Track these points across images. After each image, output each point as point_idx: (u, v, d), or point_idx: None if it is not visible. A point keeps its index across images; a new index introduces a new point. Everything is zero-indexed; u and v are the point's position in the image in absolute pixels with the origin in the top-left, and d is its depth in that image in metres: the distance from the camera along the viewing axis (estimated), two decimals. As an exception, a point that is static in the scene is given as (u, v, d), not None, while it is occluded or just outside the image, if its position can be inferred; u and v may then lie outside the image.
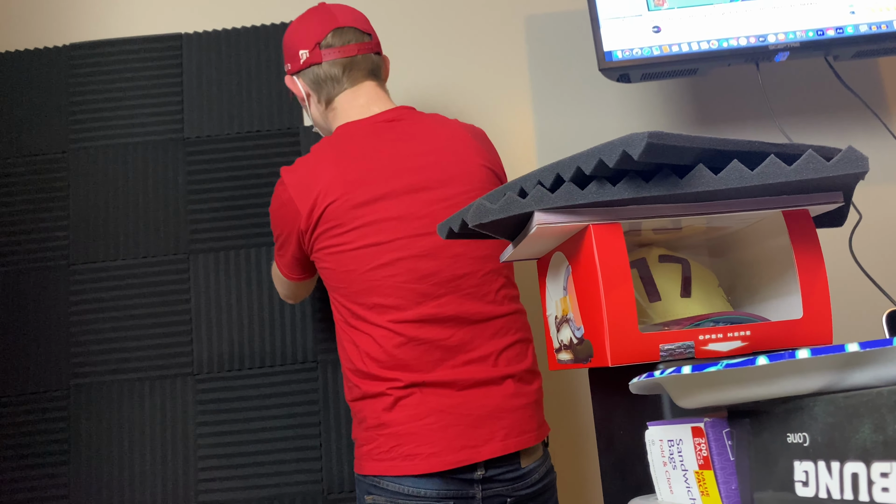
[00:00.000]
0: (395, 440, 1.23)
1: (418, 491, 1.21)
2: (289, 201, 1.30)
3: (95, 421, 1.64)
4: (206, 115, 1.77)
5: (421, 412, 1.22)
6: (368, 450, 1.26)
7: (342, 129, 1.35)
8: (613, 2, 1.54)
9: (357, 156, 1.29)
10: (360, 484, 1.29)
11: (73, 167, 1.74)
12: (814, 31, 1.52)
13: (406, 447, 1.22)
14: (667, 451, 0.69)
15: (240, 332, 1.68)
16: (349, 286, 1.27)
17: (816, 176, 0.74)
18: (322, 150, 1.32)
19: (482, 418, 1.23)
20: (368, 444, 1.26)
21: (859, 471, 0.51)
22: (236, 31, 1.81)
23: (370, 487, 1.26)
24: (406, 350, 1.24)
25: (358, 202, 1.26)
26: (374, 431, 1.26)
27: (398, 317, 1.24)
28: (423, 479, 1.21)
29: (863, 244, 1.54)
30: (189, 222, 1.72)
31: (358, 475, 1.30)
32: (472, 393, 1.24)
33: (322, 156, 1.31)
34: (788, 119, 1.75)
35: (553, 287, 0.92)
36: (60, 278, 1.69)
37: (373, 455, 1.25)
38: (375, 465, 1.24)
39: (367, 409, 1.27)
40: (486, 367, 1.26)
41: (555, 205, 0.78)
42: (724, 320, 0.82)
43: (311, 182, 1.28)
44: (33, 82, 1.78)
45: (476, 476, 1.23)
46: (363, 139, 1.32)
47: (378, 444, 1.25)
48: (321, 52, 1.37)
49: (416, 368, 1.24)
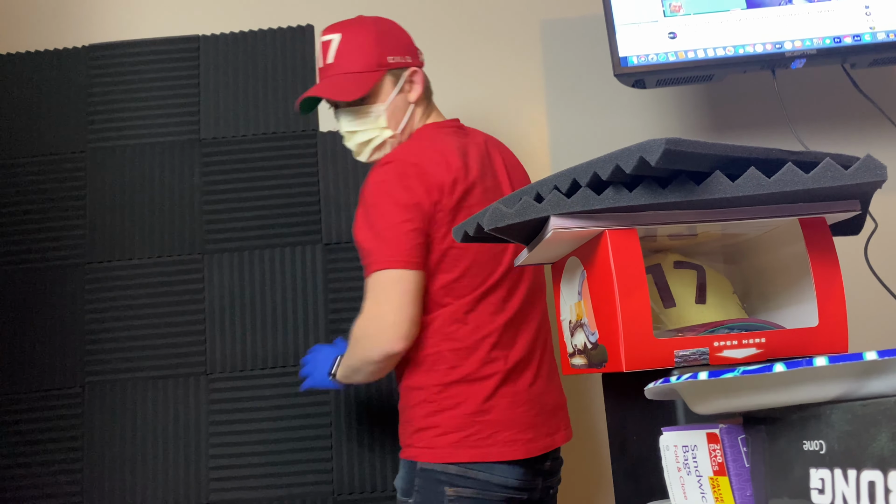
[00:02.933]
0: (494, 427, 1.26)
1: (506, 480, 1.25)
2: (423, 175, 1.25)
3: (109, 419, 1.65)
4: (223, 117, 1.78)
5: (518, 400, 1.28)
6: (463, 437, 1.25)
7: (433, 127, 1.38)
8: (629, 7, 1.54)
9: (466, 150, 1.34)
10: (435, 475, 1.25)
11: (91, 167, 1.76)
12: (831, 38, 1.51)
13: (507, 433, 1.26)
14: (681, 457, 0.69)
15: (253, 333, 1.69)
16: (471, 268, 1.29)
17: (834, 184, 0.74)
18: (429, 140, 1.33)
19: (554, 409, 1.34)
20: (463, 430, 1.25)
21: (876, 479, 0.50)
22: (253, 33, 1.83)
23: (454, 479, 1.24)
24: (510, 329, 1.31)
25: (485, 188, 1.32)
26: (473, 418, 1.26)
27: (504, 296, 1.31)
28: (514, 468, 1.26)
29: (879, 253, 1.53)
30: (204, 223, 1.73)
31: (432, 465, 1.25)
32: (546, 383, 1.34)
33: (440, 142, 1.33)
34: (804, 126, 1.75)
35: (567, 291, 0.92)
36: (76, 277, 1.71)
37: (470, 442, 1.24)
38: (473, 453, 1.24)
39: (465, 394, 1.27)
40: (551, 359, 1.37)
41: (571, 210, 0.78)
42: (738, 327, 0.81)
43: (446, 161, 1.29)
44: (52, 82, 1.80)
45: (545, 466, 1.32)
46: (452, 139, 1.36)
47: (477, 429, 1.25)
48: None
49: (517, 347, 1.30)
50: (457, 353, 1.27)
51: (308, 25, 1.84)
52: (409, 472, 1.29)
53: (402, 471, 1.31)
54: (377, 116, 1.35)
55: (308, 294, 1.70)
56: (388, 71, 1.35)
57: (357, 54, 1.34)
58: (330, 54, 1.36)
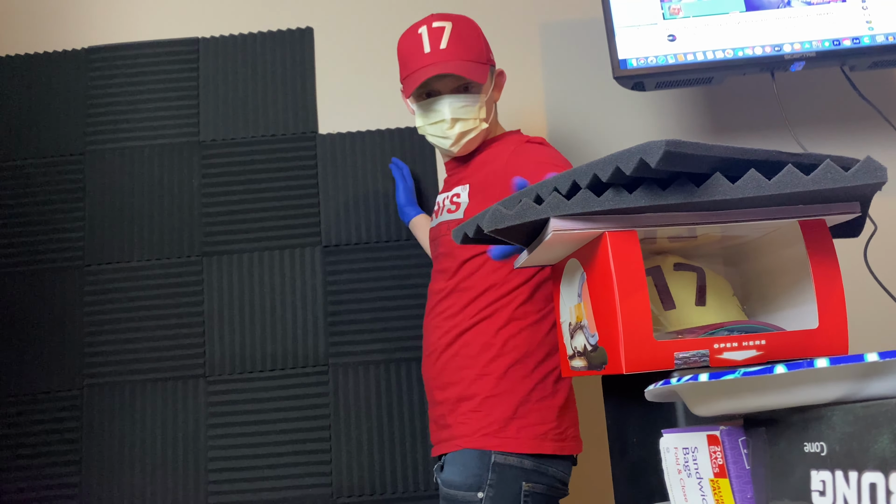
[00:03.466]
0: (570, 422, 1.30)
1: (564, 476, 1.29)
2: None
3: (108, 421, 1.65)
4: (222, 119, 1.78)
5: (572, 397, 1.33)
6: (548, 429, 1.26)
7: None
8: (629, 10, 1.54)
9: None
10: (515, 471, 1.24)
11: (90, 169, 1.76)
12: (830, 41, 1.51)
13: (574, 428, 1.31)
14: (682, 459, 0.69)
15: (252, 335, 1.68)
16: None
17: (834, 186, 0.74)
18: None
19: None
20: (549, 423, 1.27)
21: (877, 481, 0.50)
22: (252, 35, 1.83)
23: (530, 474, 1.24)
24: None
25: None
26: (563, 410, 1.29)
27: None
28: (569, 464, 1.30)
29: (878, 255, 1.53)
30: (203, 225, 1.73)
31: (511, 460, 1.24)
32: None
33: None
34: (804, 128, 1.75)
35: (567, 293, 0.92)
36: (75, 279, 1.71)
37: (552, 435, 1.26)
38: (555, 445, 1.26)
39: (556, 388, 1.29)
40: None
41: (571, 211, 0.78)
42: (738, 329, 0.81)
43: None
44: (51, 85, 1.80)
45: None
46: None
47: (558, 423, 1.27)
48: None
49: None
50: (543, 346, 1.30)
51: (307, 28, 1.84)
52: (476, 466, 1.24)
53: (461, 465, 1.26)
54: (480, 107, 1.37)
55: (307, 297, 1.70)
56: (490, 66, 1.40)
57: (471, 44, 1.37)
58: (444, 40, 1.36)
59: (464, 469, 1.25)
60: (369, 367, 1.67)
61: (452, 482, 1.26)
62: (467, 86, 1.36)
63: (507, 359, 1.28)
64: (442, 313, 1.35)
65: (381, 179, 1.76)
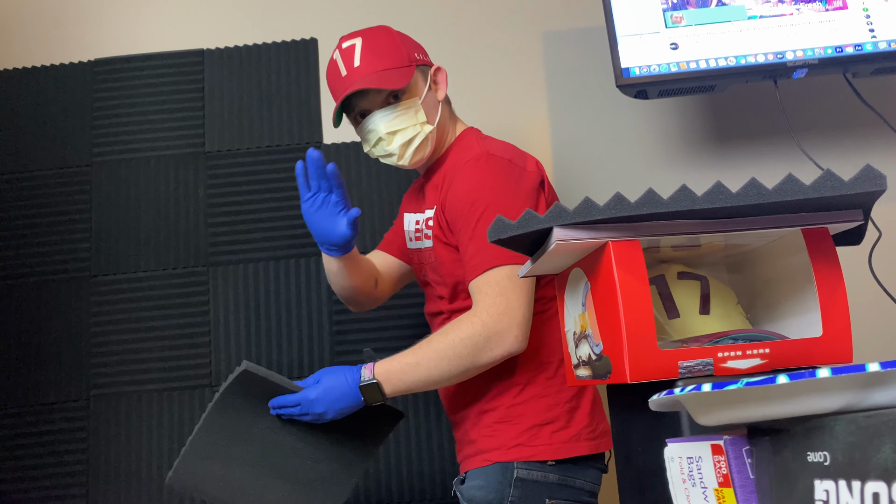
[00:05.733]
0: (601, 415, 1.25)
1: (595, 487, 1.22)
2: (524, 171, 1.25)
3: (114, 431, 1.65)
4: (227, 130, 1.79)
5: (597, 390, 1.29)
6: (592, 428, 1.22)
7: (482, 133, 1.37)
8: (631, 19, 1.54)
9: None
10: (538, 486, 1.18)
11: (96, 180, 1.77)
12: (832, 48, 1.51)
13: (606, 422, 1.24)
14: (686, 469, 0.69)
15: (258, 345, 1.69)
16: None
17: (835, 194, 0.74)
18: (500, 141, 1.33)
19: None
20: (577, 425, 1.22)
21: (881, 490, 0.50)
22: (257, 47, 1.84)
23: (553, 489, 1.18)
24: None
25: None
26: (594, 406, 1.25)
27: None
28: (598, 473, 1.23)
29: (882, 262, 1.53)
30: (209, 235, 1.74)
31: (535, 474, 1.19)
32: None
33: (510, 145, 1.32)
34: (807, 136, 1.75)
35: (571, 303, 0.92)
36: (82, 289, 1.72)
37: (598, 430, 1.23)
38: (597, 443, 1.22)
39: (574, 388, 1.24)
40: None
41: (574, 221, 0.79)
42: (742, 338, 0.81)
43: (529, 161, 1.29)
44: (58, 97, 1.82)
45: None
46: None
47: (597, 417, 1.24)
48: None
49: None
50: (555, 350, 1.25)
51: (312, 39, 1.85)
52: (498, 481, 1.19)
53: (484, 479, 1.21)
54: (416, 111, 1.29)
55: (313, 306, 1.71)
56: (417, 66, 1.32)
57: (385, 52, 1.30)
58: (356, 58, 1.29)
59: (486, 484, 1.19)
60: (375, 375, 1.68)
61: (473, 497, 1.20)
62: (396, 94, 1.28)
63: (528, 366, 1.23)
64: None
65: (386, 189, 1.76)
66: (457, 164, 1.28)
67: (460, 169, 1.25)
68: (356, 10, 1.88)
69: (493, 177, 1.21)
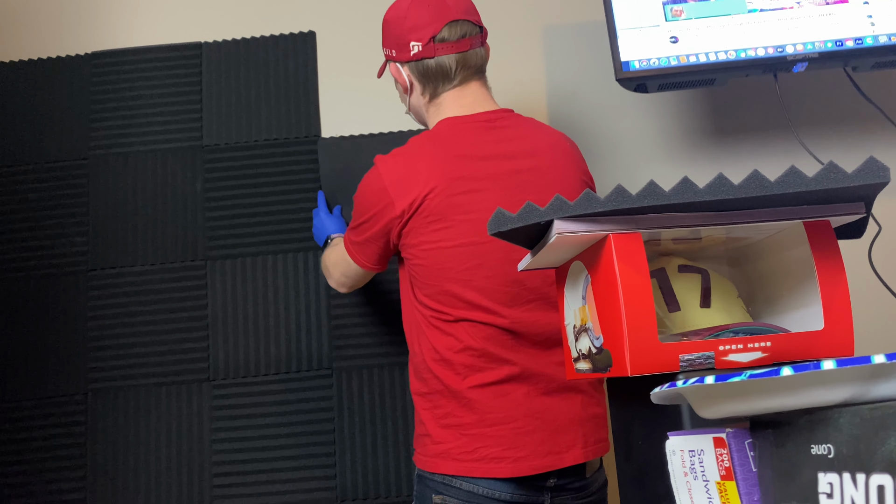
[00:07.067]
0: (480, 441, 1.21)
1: (492, 493, 1.21)
2: (382, 190, 1.26)
3: (112, 425, 1.65)
4: (225, 123, 1.78)
5: (510, 416, 1.22)
6: (446, 448, 1.23)
7: (444, 125, 1.32)
8: (631, 12, 1.54)
9: (459, 153, 1.27)
10: (426, 481, 1.26)
11: (93, 174, 1.76)
12: (832, 41, 1.51)
13: (493, 449, 1.21)
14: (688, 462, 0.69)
15: (256, 339, 1.69)
16: (441, 284, 1.24)
17: (837, 186, 0.74)
18: (422, 143, 1.30)
19: (565, 425, 1.25)
20: (447, 442, 1.23)
21: (885, 483, 0.50)
22: (255, 40, 1.83)
23: (440, 486, 1.23)
24: (498, 344, 1.24)
25: (458, 199, 1.24)
26: (457, 431, 1.23)
27: (489, 319, 1.24)
28: (501, 483, 1.21)
29: (883, 256, 1.53)
30: (207, 229, 1.73)
31: (424, 472, 1.26)
32: (556, 399, 1.25)
33: (422, 149, 1.28)
34: (807, 130, 1.75)
35: (571, 296, 0.92)
36: (79, 284, 1.71)
37: (452, 454, 1.22)
38: (455, 465, 1.22)
39: (450, 406, 1.24)
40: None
41: (574, 213, 0.78)
42: (743, 331, 0.81)
43: (409, 173, 1.26)
44: (55, 90, 1.80)
45: (549, 483, 1.24)
46: (465, 137, 1.30)
47: (461, 443, 1.22)
48: (435, 46, 1.31)
49: (509, 360, 1.24)
50: (439, 363, 1.25)
51: (310, 32, 1.84)
52: (414, 477, 1.32)
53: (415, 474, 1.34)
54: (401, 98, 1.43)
55: (311, 300, 1.70)
56: (386, 61, 1.39)
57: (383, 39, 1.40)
58: None
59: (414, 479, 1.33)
60: (373, 370, 1.67)
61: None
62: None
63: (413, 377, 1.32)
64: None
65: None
66: None
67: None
68: (355, 3, 1.87)
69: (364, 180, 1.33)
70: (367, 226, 1.30)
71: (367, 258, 1.34)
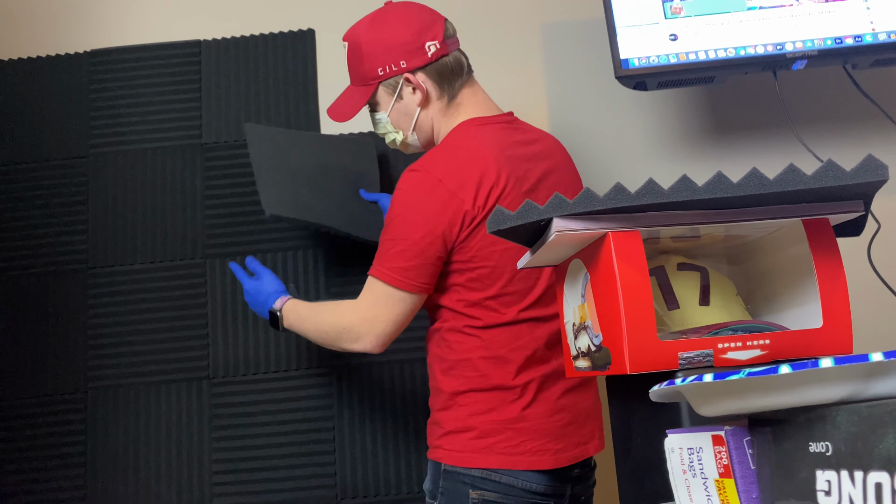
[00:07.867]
0: (525, 435, 1.25)
1: (530, 485, 1.24)
2: (442, 189, 1.22)
3: (112, 424, 1.65)
4: (224, 121, 1.78)
5: (551, 409, 1.27)
6: (490, 443, 1.24)
7: (471, 126, 1.30)
8: (630, 10, 1.54)
9: (508, 154, 1.28)
10: (460, 477, 1.25)
11: (93, 172, 1.76)
12: (832, 39, 1.51)
13: (537, 442, 1.25)
14: (686, 460, 0.69)
15: (255, 337, 1.69)
16: (503, 285, 1.25)
17: (836, 184, 0.74)
18: (460, 143, 1.28)
19: (587, 416, 1.32)
20: (492, 436, 1.25)
21: (883, 480, 0.50)
22: (255, 38, 1.83)
23: (477, 481, 1.24)
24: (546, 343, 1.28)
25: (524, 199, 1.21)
26: (503, 425, 1.25)
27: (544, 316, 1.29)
28: (540, 475, 1.25)
29: (882, 254, 1.53)
30: (206, 227, 1.73)
31: (456, 468, 1.25)
32: (580, 393, 1.32)
33: (469, 150, 1.26)
34: (806, 127, 1.75)
35: (571, 294, 0.92)
36: (79, 282, 1.71)
37: (497, 448, 1.24)
38: (499, 459, 1.24)
39: (499, 400, 1.26)
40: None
41: (573, 211, 0.78)
42: (742, 329, 0.81)
43: (469, 170, 1.23)
44: (54, 88, 1.80)
45: (574, 473, 1.30)
46: (498, 137, 1.30)
47: (506, 437, 1.24)
48: (447, 42, 1.32)
49: (553, 358, 1.28)
50: (489, 361, 1.26)
51: (309, 30, 1.84)
52: (435, 474, 1.29)
53: (430, 472, 1.31)
54: (385, 123, 1.37)
55: (310, 297, 1.70)
56: (379, 84, 1.33)
57: (353, 69, 1.35)
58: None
59: (429, 478, 1.31)
60: (373, 368, 1.67)
61: (426, 486, 1.32)
62: (372, 105, 1.37)
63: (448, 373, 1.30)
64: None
65: (383, 181, 1.75)
66: None
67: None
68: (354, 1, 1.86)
69: (405, 191, 1.25)
70: (423, 237, 1.22)
71: (428, 278, 1.25)
